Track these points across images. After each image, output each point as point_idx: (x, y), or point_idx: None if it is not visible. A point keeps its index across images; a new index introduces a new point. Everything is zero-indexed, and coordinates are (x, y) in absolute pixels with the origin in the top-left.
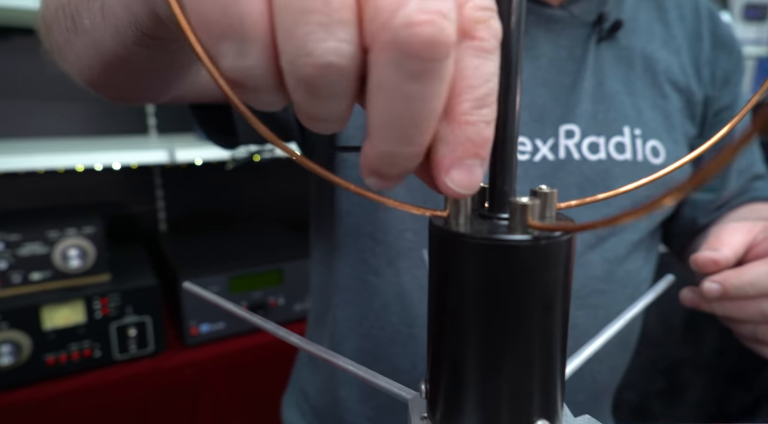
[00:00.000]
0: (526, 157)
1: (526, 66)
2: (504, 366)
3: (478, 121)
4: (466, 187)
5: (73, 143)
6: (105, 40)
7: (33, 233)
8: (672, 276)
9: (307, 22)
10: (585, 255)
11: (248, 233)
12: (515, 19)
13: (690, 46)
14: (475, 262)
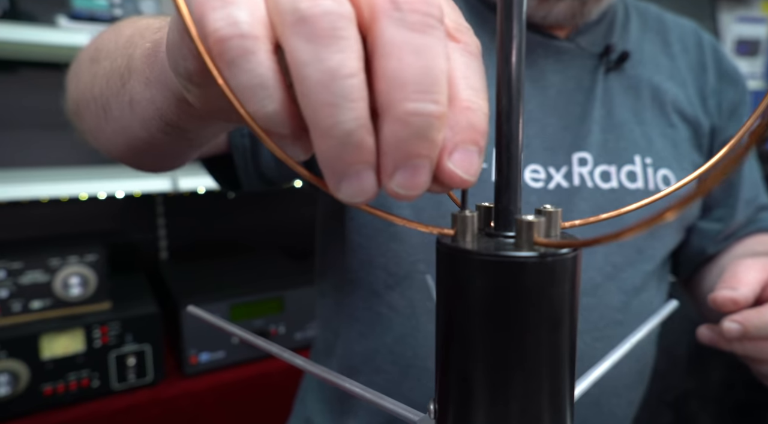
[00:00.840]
0: (541, 185)
1: (535, 96)
2: (513, 384)
3: (478, 110)
4: (466, 171)
5: (76, 172)
6: (133, 127)
7: (35, 261)
8: (676, 301)
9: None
10: (603, 286)
11: (249, 261)
12: (516, 42)
13: (695, 77)
14: (483, 279)
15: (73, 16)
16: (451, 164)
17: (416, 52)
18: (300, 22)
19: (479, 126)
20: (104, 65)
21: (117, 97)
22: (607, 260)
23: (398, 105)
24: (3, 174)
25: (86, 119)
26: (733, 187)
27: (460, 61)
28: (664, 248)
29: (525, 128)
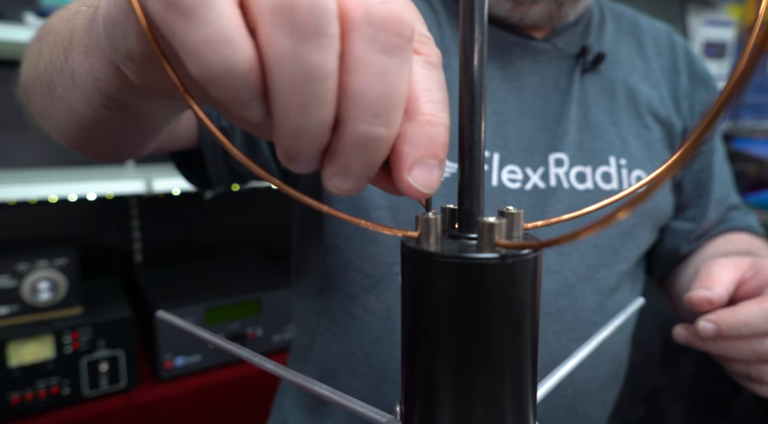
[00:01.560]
0: (518, 185)
1: (512, 97)
2: (476, 383)
3: (439, 123)
4: (426, 185)
5: (45, 174)
6: (77, 104)
7: (1, 266)
8: (642, 299)
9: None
10: (578, 287)
11: (226, 264)
12: (478, 46)
13: (668, 80)
14: (445, 280)
15: (41, 13)
16: (410, 179)
17: (381, 74)
18: (282, 10)
19: (439, 140)
20: (48, 40)
21: (60, 73)
22: (581, 262)
23: (352, 123)
24: None
25: (34, 100)
26: (704, 188)
27: (421, 73)
28: (638, 248)
29: (502, 129)
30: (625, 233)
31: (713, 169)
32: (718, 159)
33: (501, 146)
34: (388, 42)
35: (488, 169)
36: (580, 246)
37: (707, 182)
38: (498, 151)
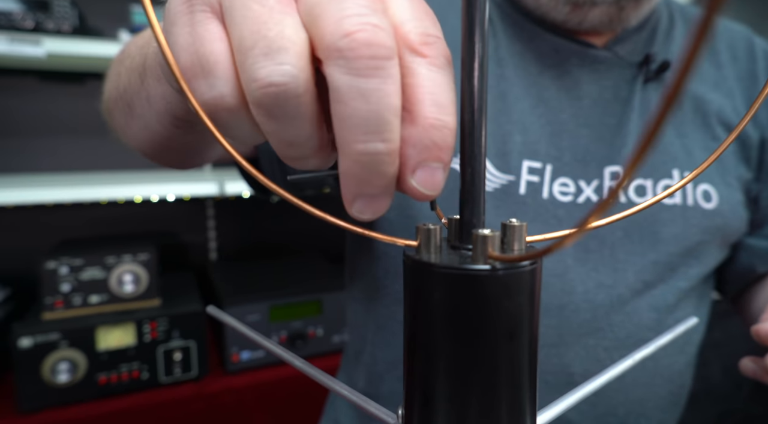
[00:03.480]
0: (569, 199)
1: (568, 107)
2: (470, 393)
3: (443, 127)
4: (429, 188)
5: (133, 176)
6: (152, 123)
7: (94, 259)
8: (696, 319)
9: (253, 55)
10: (631, 302)
11: (291, 264)
12: (478, 58)
13: (744, 87)
14: (439, 290)
15: (133, 30)
16: (413, 182)
17: (363, 96)
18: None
19: (442, 143)
20: (126, 64)
21: (138, 95)
22: (637, 277)
23: (349, 146)
24: (68, 178)
25: (116, 117)
26: None
27: (425, 76)
28: (703, 265)
29: (557, 140)
30: (688, 250)
31: None
32: None
33: (554, 158)
34: (363, 66)
35: (539, 181)
36: (636, 262)
37: None
38: (551, 162)
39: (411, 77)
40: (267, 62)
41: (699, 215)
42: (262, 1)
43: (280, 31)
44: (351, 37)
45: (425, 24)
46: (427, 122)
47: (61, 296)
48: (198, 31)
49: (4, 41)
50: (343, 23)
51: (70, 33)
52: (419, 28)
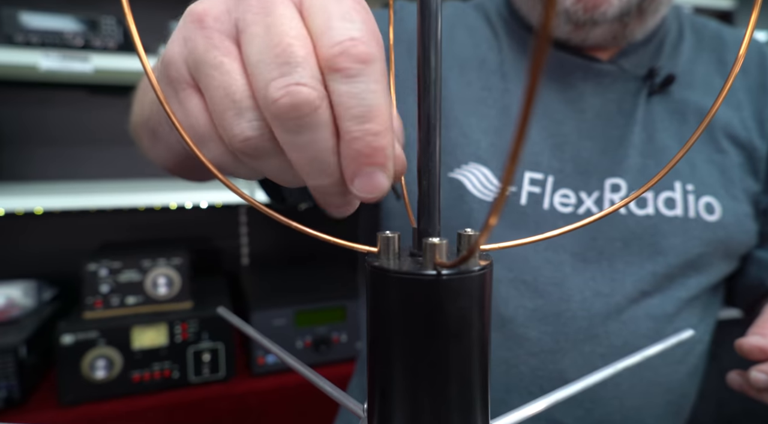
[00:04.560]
0: (570, 210)
1: (571, 119)
2: (421, 387)
3: (364, 135)
4: (369, 191)
5: (168, 184)
6: (174, 146)
7: (131, 262)
8: (691, 331)
9: (228, 117)
10: (628, 311)
11: (318, 270)
12: (433, 74)
13: (753, 100)
14: (393, 293)
15: None
16: (354, 190)
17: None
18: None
19: (367, 149)
20: (150, 96)
21: (160, 123)
22: (634, 287)
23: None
24: (110, 185)
25: (142, 140)
26: None
27: (342, 92)
28: (705, 276)
29: (559, 152)
30: (689, 261)
31: None
32: None
33: (556, 169)
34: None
35: (541, 192)
36: (634, 272)
37: None
38: (553, 174)
39: (332, 96)
40: (238, 121)
41: (701, 227)
42: (217, 66)
43: (241, 92)
44: (276, 103)
45: (336, 29)
46: (349, 136)
47: (100, 296)
48: (184, 107)
49: (57, 58)
50: (269, 89)
51: (116, 49)
52: (331, 38)
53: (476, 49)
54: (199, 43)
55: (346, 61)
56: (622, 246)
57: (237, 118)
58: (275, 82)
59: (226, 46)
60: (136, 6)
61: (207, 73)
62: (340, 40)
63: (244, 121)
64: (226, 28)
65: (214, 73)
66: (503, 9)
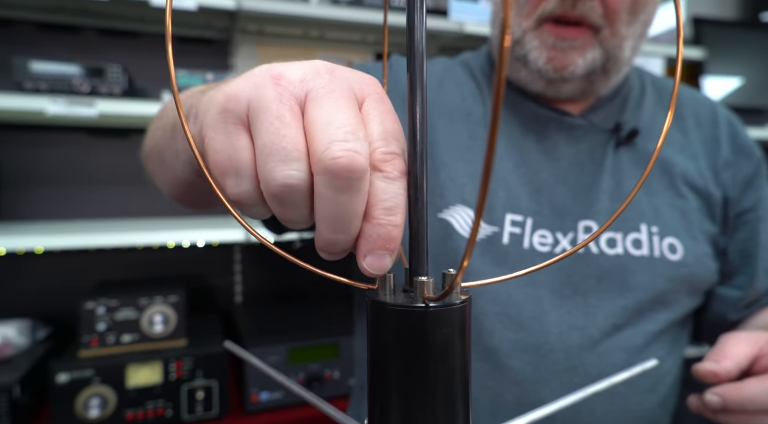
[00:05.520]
0: (547, 249)
1: (547, 167)
2: (413, 402)
3: (387, 224)
4: (376, 269)
5: (167, 222)
6: (178, 171)
7: (128, 300)
8: (655, 361)
9: (273, 160)
10: (602, 343)
11: (311, 308)
12: (419, 148)
13: (707, 151)
14: (389, 322)
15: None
16: (365, 264)
17: (335, 203)
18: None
19: (387, 236)
20: (163, 122)
21: (168, 148)
22: (607, 320)
23: (321, 232)
24: (111, 224)
25: (150, 164)
26: (750, 256)
27: (379, 186)
28: (672, 311)
29: (537, 196)
30: (655, 297)
31: (759, 238)
32: (766, 228)
33: (534, 212)
34: (339, 184)
35: (521, 232)
36: (606, 306)
37: (753, 251)
38: (531, 216)
39: (371, 186)
40: (283, 167)
41: (665, 265)
42: (280, 117)
43: (293, 144)
44: (335, 161)
45: (389, 143)
46: (375, 221)
47: (96, 334)
48: (231, 139)
49: (64, 104)
50: (332, 147)
51: (120, 95)
52: (383, 147)
53: (463, 102)
54: (269, 93)
55: (390, 167)
56: (595, 283)
57: (282, 165)
58: (339, 144)
59: (292, 106)
60: (141, 55)
61: (267, 119)
62: (390, 150)
63: (288, 168)
64: (296, 92)
65: (274, 121)
66: (486, 66)
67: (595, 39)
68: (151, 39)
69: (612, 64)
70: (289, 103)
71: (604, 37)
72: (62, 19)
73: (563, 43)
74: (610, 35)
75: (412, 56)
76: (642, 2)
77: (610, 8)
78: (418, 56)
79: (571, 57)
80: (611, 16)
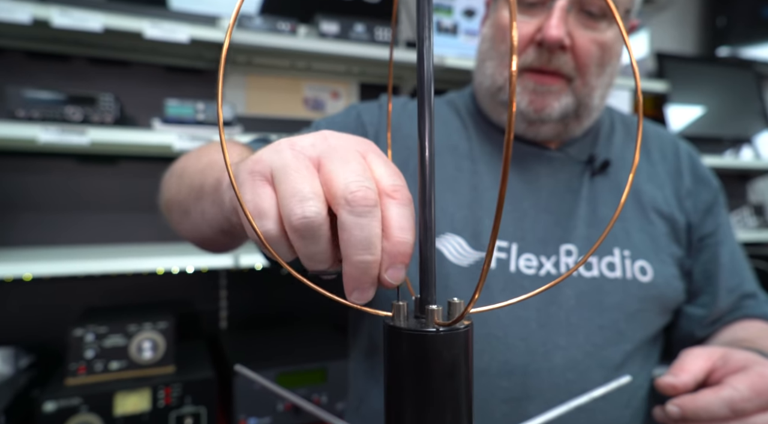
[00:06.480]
0: (533, 272)
1: (529, 196)
2: (425, 414)
3: (404, 243)
4: (395, 279)
5: (157, 249)
6: (203, 228)
7: (117, 327)
8: (628, 377)
9: (293, 201)
10: (584, 362)
11: (298, 333)
12: (428, 179)
13: (672, 181)
14: (404, 344)
15: (165, 120)
16: (386, 276)
17: (359, 227)
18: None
19: (404, 252)
20: (186, 182)
21: (194, 207)
22: (587, 340)
23: (351, 257)
24: (99, 250)
25: (173, 216)
26: (712, 277)
27: (394, 211)
28: (644, 329)
29: (521, 223)
30: (630, 316)
31: (720, 260)
32: (726, 250)
33: (519, 238)
34: (359, 211)
35: (507, 257)
36: (585, 326)
37: (714, 272)
38: (516, 242)
39: (385, 211)
40: (302, 204)
41: (636, 286)
42: (297, 170)
43: (310, 187)
44: (353, 194)
45: (394, 179)
46: (394, 239)
47: (84, 362)
48: (257, 191)
49: (55, 132)
50: (349, 185)
51: (112, 123)
52: (390, 181)
53: (449, 138)
54: (287, 155)
55: (399, 195)
56: (575, 303)
57: (300, 203)
58: (354, 182)
59: (308, 164)
60: (131, 84)
61: (287, 172)
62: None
63: (306, 205)
64: (310, 154)
65: (293, 173)
66: (470, 105)
67: (569, 87)
68: (141, 68)
69: (583, 109)
70: (305, 161)
71: (576, 86)
72: (53, 48)
73: (542, 88)
74: (581, 85)
75: (422, 125)
76: (608, 57)
77: (581, 62)
78: (427, 121)
79: (548, 100)
80: (582, 68)
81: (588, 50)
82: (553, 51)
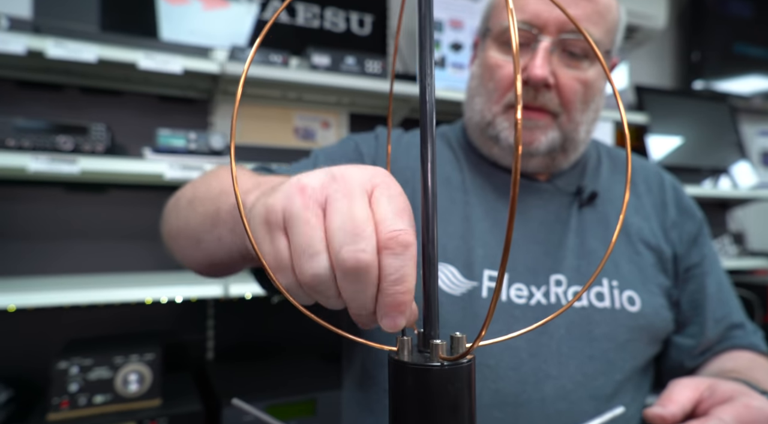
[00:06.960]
0: (524, 301)
1: (520, 227)
2: None
3: (395, 294)
4: (390, 328)
5: (145, 278)
6: (219, 254)
7: (103, 359)
8: (622, 408)
9: (304, 257)
10: (575, 392)
11: (287, 364)
12: (431, 218)
13: (657, 213)
14: (409, 378)
15: (157, 149)
16: (382, 324)
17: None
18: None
19: (395, 303)
20: (199, 210)
21: (208, 234)
22: (578, 370)
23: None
24: (87, 280)
25: (180, 244)
26: (699, 307)
27: (386, 263)
28: (634, 359)
29: (511, 254)
30: (620, 346)
31: (707, 291)
32: (713, 280)
33: (510, 268)
34: (350, 278)
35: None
36: (576, 356)
37: (701, 302)
38: (507, 271)
39: (381, 262)
40: (311, 263)
41: (625, 316)
42: (306, 222)
43: (319, 241)
44: (344, 263)
45: (395, 222)
46: (386, 292)
47: (68, 396)
48: (275, 243)
49: (46, 161)
50: (341, 251)
51: (103, 153)
52: (390, 226)
53: (442, 170)
54: (296, 202)
55: (395, 244)
56: (565, 333)
57: (310, 260)
58: (347, 247)
59: (315, 211)
60: (122, 113)
61: (297, 225)
62: (395, 228)
63: (315, 263)
64: (318, 197)
65: (303, 227)
66: (462, 138)
67: (555, 123)
68: (133, 97)
69: (569, 144)
70: (313, 209)
71: (561, 121)
72: (45, 77)
73: (529, 122)
74: (567, 121)
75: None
76: (591, 93)
77: (565, 99)
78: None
79: (535, 134)
80: (567, 105)
81: (572, 88)
82: (539, 89)
